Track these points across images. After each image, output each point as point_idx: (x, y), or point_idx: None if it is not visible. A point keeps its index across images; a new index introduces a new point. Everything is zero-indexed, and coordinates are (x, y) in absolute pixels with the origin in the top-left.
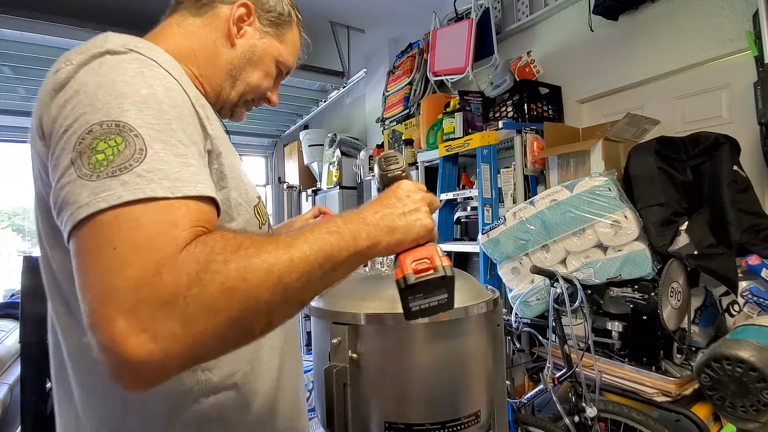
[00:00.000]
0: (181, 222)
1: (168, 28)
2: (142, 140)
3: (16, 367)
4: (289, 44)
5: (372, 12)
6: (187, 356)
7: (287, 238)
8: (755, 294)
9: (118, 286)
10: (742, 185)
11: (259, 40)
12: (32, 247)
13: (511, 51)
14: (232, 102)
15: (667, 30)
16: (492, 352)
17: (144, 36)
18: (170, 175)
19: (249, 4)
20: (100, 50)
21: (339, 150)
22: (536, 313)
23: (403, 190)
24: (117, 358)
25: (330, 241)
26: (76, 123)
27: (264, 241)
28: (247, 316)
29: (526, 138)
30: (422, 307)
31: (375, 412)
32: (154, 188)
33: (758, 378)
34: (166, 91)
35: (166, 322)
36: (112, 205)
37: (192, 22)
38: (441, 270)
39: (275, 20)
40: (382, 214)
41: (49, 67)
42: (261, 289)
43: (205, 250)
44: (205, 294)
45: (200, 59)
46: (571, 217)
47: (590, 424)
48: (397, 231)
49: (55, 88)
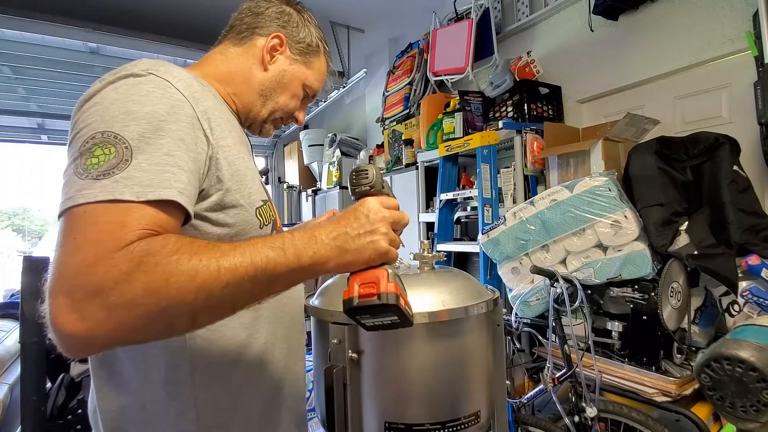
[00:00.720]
0: (131, 223)
1: (212, 56)
2: (131, 152)
3: (16, 367)
4: (315, 71)
5: (372, 12)
6: (109, 338)
7: (227, 248)
8: (755, 294)
9: (66, 269)
10: (742, 185)
11: (289, 66)
12: (32, 247)
13: (511, 51)
14: (262, 118)
15: (667, 30)
16: (492, 352)
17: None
18: (143, 182)
19: (282, 36)
20: (127, 73)
21: (339, 150)
22: (536, 313)
23: (365, 209)
24: (53, 327)
25: (268, 255)
26: (86, 128)
27: (202, 249)
28: (167, 314)
29: (526, 138)
30: (376, 323)
31: (375, 412)
32: (122, 192)
33: (758, 378)
34: (168, 108)
35: (93, 307)
36: (87, 202)
37: (233, 50)
38: (384, 297)
39: (304, 50)
40: (336, 234)
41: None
42: (182, 292)
43: (142, 252)
44: (129, 290)
45: (236, 81)
46: (571, 217)
47: (590, 424)
48: (348, 253)
49: (85, 98)
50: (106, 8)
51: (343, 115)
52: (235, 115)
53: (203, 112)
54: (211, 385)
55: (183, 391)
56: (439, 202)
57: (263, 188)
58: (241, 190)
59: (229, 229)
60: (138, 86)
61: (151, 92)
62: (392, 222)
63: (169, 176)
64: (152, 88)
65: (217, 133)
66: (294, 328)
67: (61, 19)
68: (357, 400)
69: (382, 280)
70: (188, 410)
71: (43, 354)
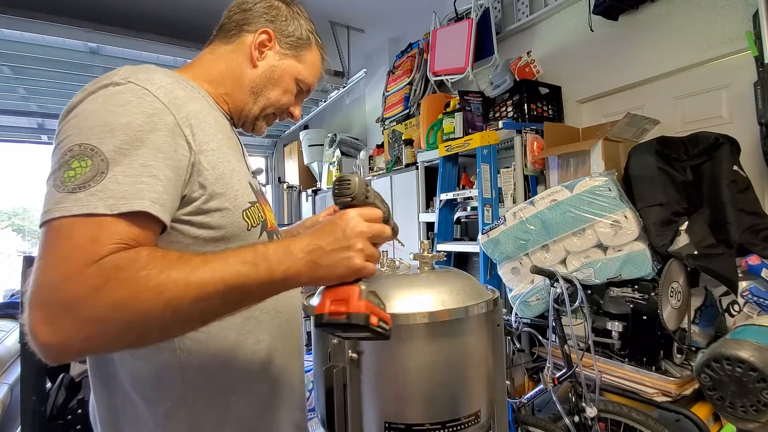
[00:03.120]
0: (103, 238)
1: (203, 56)
2: (107, 164)
3: (16, 367)
4: (308, 64)
5: (372, 12)
6: (82, 348)
7: (199, 262)
8: (755, 294)
9: (42, 283)
10: (742, 185)
11: (279, 62)
12: (32, 247)
13: (511, 51)
14: (254, 115)
15: (667, 30)
16: (492, 352)
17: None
18: (117, 195)
19: (270, 31)
20: (107, 82)
21: (339, 150)
22: (536, 313)
23: (343, 222)
24: (31, 336)
25: (239, 271)
26: (65, 140)
27: (173, 264)
28: (137, 327)
29: (526, 138)
30: (350, 336)
31: (375, 412)
32: (97, 205)
33: (758, 378)
34: (145, 117)
35: (65, 320)
36: (63, 216)
37: (222, 49)
38: (352, 317)
39: (294, 43)
40: (312, 248)
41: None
42: (150, 308)
43: (112, 267)
44: (98, 305)
45: (227, 80)
46: (571, 217)
47: (590, 424)
48: (321, 268)
49: (68, 109)
50: (106, 8)
51: (343, 115)
52: (227, 116)
53: (184, 118)
54: (201, 386)
55: (173, 390)
56: (439, 202)
57: (252, 190)
58: (227, 193)
59: (214, 231)
60: (116, 96)
61: (128, 102)
62: (371, 236)
63: (143, 187)
64: (130, 97)
65: (200, 138)
66: (290, 327)
67: (61, 19)
68: (357, 400)
69: (353, 298)
70: (179, 408)
71: None
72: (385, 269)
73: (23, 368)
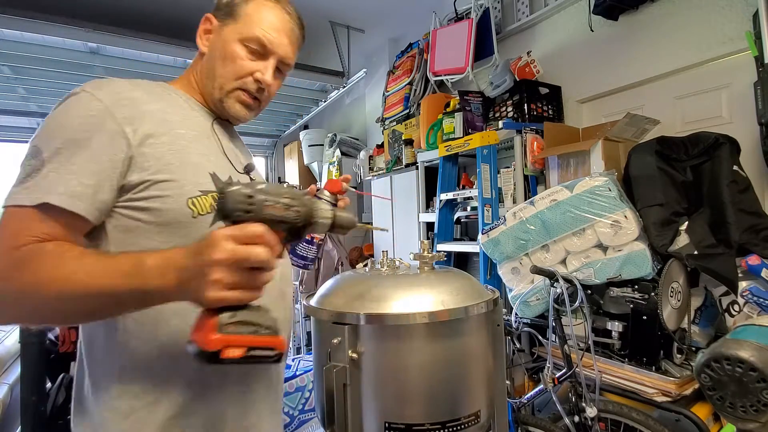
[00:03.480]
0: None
1: (188, 67)
2: (42, 163)
3: (16, 367)
4: (246, 18)
5: (372, 12)
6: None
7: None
8: (755, 294)
9: None
10: (742, 185)
11: (218, 36)
12: None
13: (511, 51)
14: (218, 99)
15: (667, 30)
16: (492, 352)
17: None
18: (43, 189)
19: (209, 14)
20: (73, 92)
21: (339, 150)
22: (536, 313)
23: (203, 246)
24: None
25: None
26: (30, 142)
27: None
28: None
29: (526, 138)
30: None
31: (375, 412)
32: (22, 199)
33: (758, 378)
34: (81, 120)
35: None
36: (6, 206)
37: (196, 55)
38: (202, 353)
39: (228, 10)
40: (180, 266)
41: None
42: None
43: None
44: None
45: (198, 80)
46: (571, 217)
47: (590, 424)
48: (188, 292)
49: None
50: (106, 8)
51: (343, 115)
52: (206, 111)
53: (127, 117)
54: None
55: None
56: (439, 202)
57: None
58: (171, 181)
59: (154, 216)
60: (68, 104)
61: (73, 107)
62: (234, 263)
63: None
64: (75, 103)
65: (145, 133)
66: None
67: (61, 19)
68: (357, 400)
69: (205, 331)
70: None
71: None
72: (385, 269)
73: (23, 368)
